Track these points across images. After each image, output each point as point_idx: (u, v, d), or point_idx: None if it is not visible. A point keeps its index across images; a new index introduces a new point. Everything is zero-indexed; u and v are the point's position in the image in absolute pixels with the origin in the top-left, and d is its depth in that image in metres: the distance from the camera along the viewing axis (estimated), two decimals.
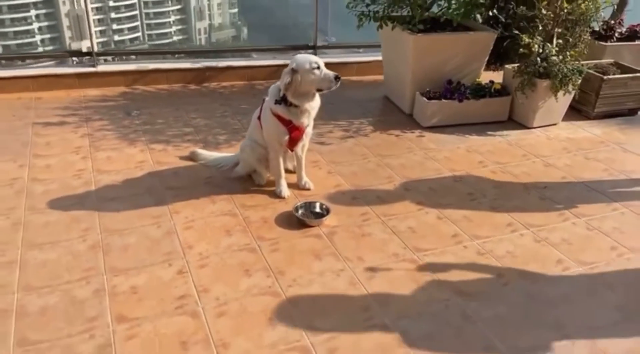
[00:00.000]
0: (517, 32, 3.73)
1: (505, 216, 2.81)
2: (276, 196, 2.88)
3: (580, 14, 3.74)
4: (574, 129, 3.91)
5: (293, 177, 3.03)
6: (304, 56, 2.63)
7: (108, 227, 2.57)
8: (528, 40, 3.59)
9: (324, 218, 2.67)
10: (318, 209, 2.74)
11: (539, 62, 3.67)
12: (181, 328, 2.00)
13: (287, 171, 3.02)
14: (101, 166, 3.12)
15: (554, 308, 2.18)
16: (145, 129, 3.61)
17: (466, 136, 3.73)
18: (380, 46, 4.29)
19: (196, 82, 4.46)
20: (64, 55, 4.41)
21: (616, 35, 4.40)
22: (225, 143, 3.44)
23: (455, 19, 3.66)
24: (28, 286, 2.19)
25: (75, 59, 4.34)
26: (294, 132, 2.73)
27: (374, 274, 2.33)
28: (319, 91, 2.67)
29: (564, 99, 3.83)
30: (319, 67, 2.60)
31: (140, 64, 4.38)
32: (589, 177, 3.25)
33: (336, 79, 2.62)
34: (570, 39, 3.82)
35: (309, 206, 2.75)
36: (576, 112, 4.14)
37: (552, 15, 3.68)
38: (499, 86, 3.92)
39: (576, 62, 3.73)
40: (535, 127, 3.89)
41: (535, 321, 2.10)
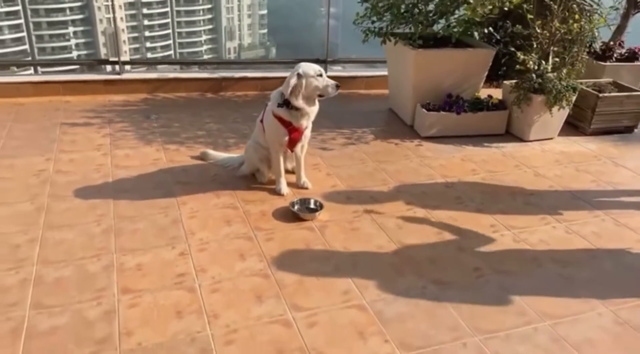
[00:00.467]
0: (514, 49, 3.93)
1: (489, 218, 2.99)
2: (276, 193, 3.12)
3: (576, 34, 3.93)
4: (569, 144, 4.06)
5: (293, 177, 3.26)
6: (309, 64, 2.90)
7: (121, 214, 2.83)
8: (523, 57, 3.79)
9: (318, 213, 2.89)
10: (312, 205, 2.96)
11: (535, 78, 3.86)
12: (178, 300, 2.23)
13: (287, 171, 3.26)
14: (119, 162, 3.41)
15: (522, 298, 2.34)
16: (162, 132, 3.90)
17: (463, 146, 3.92)
18: (386, 62, 4.54)
19: (213, 91, 4.77)
20: (92, 63, 4.76)
21: (615, 56, 4.56)
22: (234, 146, 3.70)
23: (454, 35, 3.89)
24: (46, 260, 2.45)
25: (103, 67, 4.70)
26: (294, 133, 2.97)
27: (358, 262, 2.53)
28: (320, 96, 2.91)
29: (559, 115, 3.99)
30: (321, 75, 2.86)
31: (162, 73, 4.71)
32: (576, 187, 3.40)
33: (336, 86, 2.86)
34: (567, 58, 4.01)
35: (304, 202, 2.97)
36: (573, 128, 4.29)
37: (548, 35, 3.87)
38: (496, 101, 4.11)
39: (571, 79, 3.90)
40: (531, 141, 4.05)
41: (501, 308, 2.28)
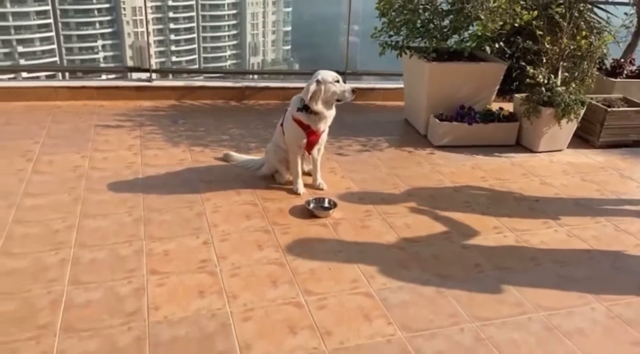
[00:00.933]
0: (524, 64, 4.11)
1: (494, 220, 3.15)
2: (293, 192, 3.32)
3: (585, 50, 4.09)
4: (578, 156, 4.20)
5: (309, 179, 3.47)
6: (327, 71, 3.11)
7: (150, 207, 3.07)
8: (533, 71, 3.96)
9: (331, 211, 3.09)
10: (327, 204, 3.16)
11: (544, 91, 4.03)
12: (200, 282, 2.45)
13: (305, 173, 3.47)
14: (148, 160, 3.67)
15: (520, 291, 2.50)
16: (188, 135, 4.15)
17: (474, 155, 4.09)
18: (402, 75, 4.75)
19: (237, 99, 5.03)
20: (124, 70, 5.07)
21: (626, 72, 4.70)
22: (255, 149, 3.93)
23: (467, 49, 4.09)
24: (82, 244, 2.69)
25: (134, 75, 5.00)
26: (312, 136, 3.19)
27: (367, 255, 2.72)
28: (337, 101, 3.13)
29: (568, 127, 4.14)
30: (338, 81, 3.08)
31: (189, 81, 4.99)
32: (581, 195, 3.54)
33: (352, 91, 3.08)
34: (577, 73, 4.18)
35: (319, 201, 3.17)
36: (583, 141, 4.43)
37: (557, 50, 4.05)
38: (507, 113, 4.28)
39: (580, 93, 4.06)
40: (540, 152, 4.20)
41: (498, 299, 2.44)
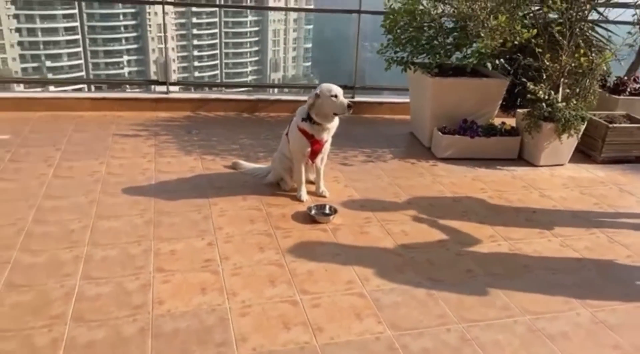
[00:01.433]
0: (525, 80, 4.22)
1: (489, 229, 3.25)
2: (297, 199, 3.47)
3: (587, 68, 4.20)
4: (579, 170, 4.28)
5: (313, 187, 3.61)
6: (328, 85, 3.27)
7: (160, 210, 3.24)
8: (533, 87, 4.08)
9: (332, 217, 3.23)
10: (327, 210, 3.30)
11: (545, 107, 4.13)
12: (203, 280, 2.60)
13: (308, 181, 3.61)
14: (162, 167, 3.86)
15: (506, 294, 2.60)
16: (200, 144, 4.34)
17: (475, 168, 4.19)
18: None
19: (249, 111, 5.22)
20: (143, 82, 5.30)
21: (629, 90, 4.78)
22: (263, 158, 4.09)
23: (469, 65, 4.23)
24: (96, 243, 2.87)
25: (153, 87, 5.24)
26: (315, 145, 3.35)
27: (363, 259, 2.84)
28: (335, 114, 3.28)
29: (569, 142, 4.23)
30: (336, 96, 3.22)
31: (204, 93, 5.20)
32: (579, 208, 3.62)
33: (348, 107, 3.21)
34: (578, 90, 4.28)
35: (320, 208, 3.31)
36: (585, 156, 4.51)
37: (558, 67, 4.16)
38: (509, 127, 4.39)
39: (581, 109, 4.15)
40: (542, 166, 4.29)
41: (486, 303, 2.54)
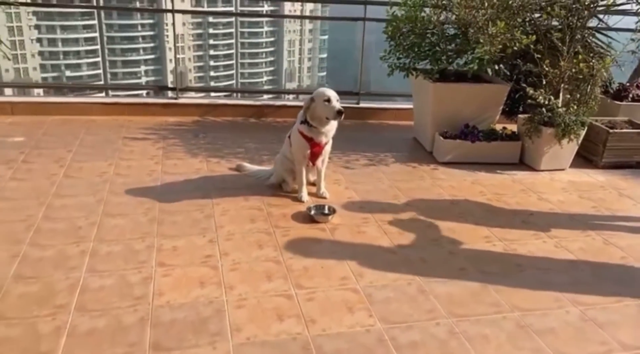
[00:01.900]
0: (524, 85, 4.28)
1: (485, 230, 3.31)
2: (298, 200, 3.56)
3: (587, 73, 4.24)
4: (579, 175, 4.31)
5: (314, 189, 3.70)
6: (323, 90, 3.35)
7: (164, 209, 3.36)
8: (532, 92, 4.13)
9: (330, 217, 3.31)
10: (326, 210, 3.38)
11: (545, 112, 4.19)
12: (203, 274, 2.69)
13: (310, 183, 3.70)
14: (168, 169, 3.98)
15: (497, 292, 2.65)
16: (207, 147, 4.47)
17: (476, 172, 4.25)
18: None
19: (255, 116, 5.35)
20: (153, 88, 5.46)
21: (631, 96, 4.80)
22: (267, 161, 4.19)
23: (470, 71, 4.31)
24: (101, 239, 2.98)
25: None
26: (315, 148, 3.44)
27: (358, 257, 2.92)
28: (327, 118, 3.35)
29: (569, 147, 4.27)
30: (329, 100, 3.29)
31: (212, 99, 5.34)
32: (576, 211, 3.66)
33: (339, 113, 3.25)
34: (579, 95, 4.32)
35: (319, 208, 3.40)
36: (587, 161, 4.54)
37: (558, 73, 4.21)
38: (510, 132, 4.45)
39: (581, 115, 4.19)
40: (542, 170, 4.34)
41: (476, 299, 2.60)
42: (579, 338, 2.38)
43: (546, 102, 4.18)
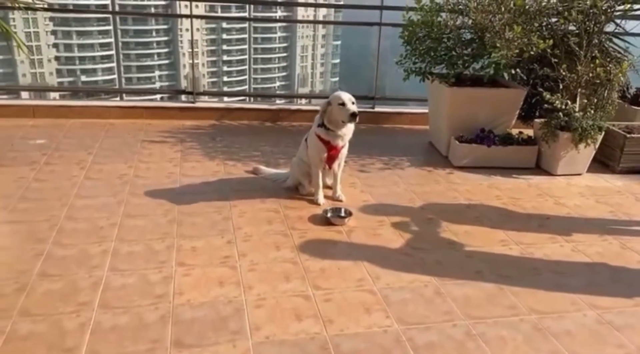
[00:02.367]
0: (541, 90, 4.28)
1: (502, 234, 3.32)
2: (314, 202, 3.59)
3: (605, 78, 4.23)
4: (596, 179, 4.30)
5: (330, 192, 3.73)
6: (339, 93, 3.39)
7: (183, 210, 3.41)
8: (549, 97, 4.13)
9: (347, 219, 3.34)
10: (343, 213, 3.41)
11: (562, 116, 4.18)
12: (222, 274, 2.74)
13: (326, 186, 3.73)
14: (186, 171, 4.04)
15: (514, 294, 2.66)
16: (223, 150, 4.53)
17: (492, 176, 4.25)
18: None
19: (271, 120, 5.40)
20: (171, 92, 5.54)
21: None
22: (282, 165, 4.23)
23: (486, 75, 4.32)
24: (122, 239, 3.04)
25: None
26: (332, 151, 3.47)
27: (375, 259, 2.94)
28: (343, 122, 3.38)
29: (586, 152, 4.26)
30: (343, 104, 3.32)
31: (228, 103, 5.41)
32: (593, 215, 3.65)
33: (352, 115, 3.28)
34: (596, 100, 4.31)
35: (336, 210, 3.43)
36: (604, 166, 4.52)
37: (575, 78, 4.21)
38: (526, 136, 4.45)
39: (598, 119, 4.17)
40: (559, 175, 4.33)
41: (493, 301, 2.61)
42: (595, 340, 2.38)
43: (563, 106, 4.17)
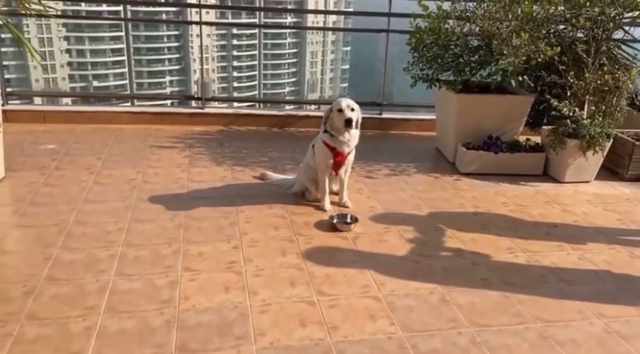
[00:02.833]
0: (549, 97, 4.27)
1: (508, 241, 3.30)
2: (320, 208, 3.60)
3: (613, 85, 4.21)
4: (604, 187, 4.27)
5: (337, 198, 3.74)
6: (339, 100, 3.41)
7: (190, 215, 3.43)
8: (557, 104, 4.12)
9: (353, 225, 3.35)
10: (349, 219, 3.42)
11: (569, 123, 4.17)
12: (227, 279, 2.75)
13: (332, 192, 3.75)
14: (194, 177, 4.07)
15: (520, 302, 2.65)
16: (231, 156, 4.55)
17: (499, 183, 4.24)
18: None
19: (279, 126, 5.43)
20: (180, 98, 5.59)
21: None
22: (289, 170, 4.25)
23: (494, 82, 4.32)
24: (129, 243, 3.07)
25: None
26: (338, 157, 3.49)
27: (380, 266, 2.95)
28: (340, 128, 3.38)
29: (594, 159, 4.24)
30: (340, 110, 3.35)
31: (237, 109, 5.45)
32: (601, 223, 3.63)
33: (346, 121, 3.31)
34: (604, 107, 4.29)
35: (342, 217, 3.43)
36: (613, 173, 4.50)
37: (583, 85, 4.20)
38: (533, 143, 4.43)
39: (606, 126, 4.15)
40: (567, 182, 4.30)
41: (499, 309, 2.60)
42: (601, 349, 2.36)
43: (571, 113, 4.16)
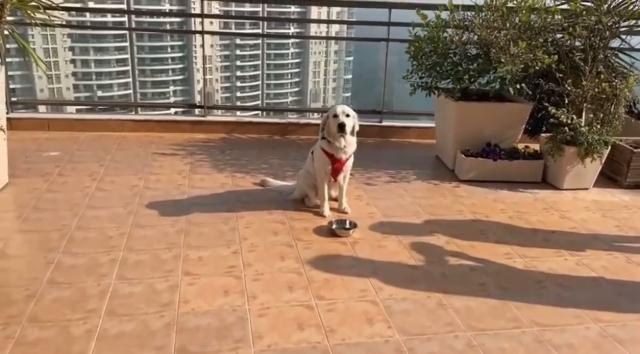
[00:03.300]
0: (547, 104, 4.31)
1: (506, 247, 3.32)
2: (320, 214, 3.63)
3: (610, 93, 4.25)
4: (603, 194, 4.29)
5: (336, 204, 3.77)
6: (335, 106, 3.47)
7: (191, 221, 3.47)
8: (554, 111, 4.16)
9: (351, 231, 3.38)
10: (348, 225, 3.45)
11: (567, 131, 4.20)
12: (227, 284, 2.78)
13: (331, 198, 3.78)
14: (195, 183, 4.11)
15: (517, 307, 2.67)
16: (232, 163, 4.60)
17: (498, 190, 4.27)
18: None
19: (280, 134, 5.47)
20: (183, 106, 5.65)
21: None
22: (290, 177, 4.28)
23: (492, 90, 4.37)
24: (131, 248, 3.10)
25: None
26: (336, 164, 3.52)
27: (378, 270, 2.97)
28: (334, 133, 3.42)
29: (593, 166, 4.26)
30: (335, 116, 3.40)
31: (238, 117, 5.50)
32: (598, 230, 3.65)
33: (339, 126, 3.35)
34: (602, 115, 4.32)
35: (341, 222, 3.47)
36: (612, 181, 4.52)
37: (581, 93, 4.23)
38: (532, 151, 4.46)
39: (605, 134, 4.18)
40: (565, 189, 4.33)
41: (496, 314, 2.62)
42: (598, 353, 2.38)
43: (569, 121, 4.19)
